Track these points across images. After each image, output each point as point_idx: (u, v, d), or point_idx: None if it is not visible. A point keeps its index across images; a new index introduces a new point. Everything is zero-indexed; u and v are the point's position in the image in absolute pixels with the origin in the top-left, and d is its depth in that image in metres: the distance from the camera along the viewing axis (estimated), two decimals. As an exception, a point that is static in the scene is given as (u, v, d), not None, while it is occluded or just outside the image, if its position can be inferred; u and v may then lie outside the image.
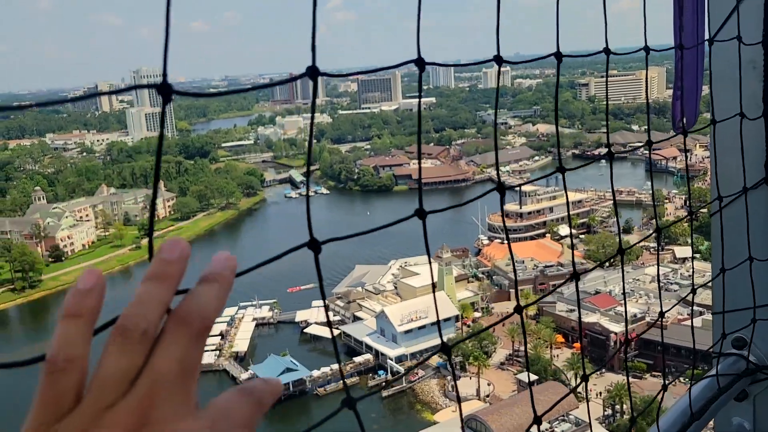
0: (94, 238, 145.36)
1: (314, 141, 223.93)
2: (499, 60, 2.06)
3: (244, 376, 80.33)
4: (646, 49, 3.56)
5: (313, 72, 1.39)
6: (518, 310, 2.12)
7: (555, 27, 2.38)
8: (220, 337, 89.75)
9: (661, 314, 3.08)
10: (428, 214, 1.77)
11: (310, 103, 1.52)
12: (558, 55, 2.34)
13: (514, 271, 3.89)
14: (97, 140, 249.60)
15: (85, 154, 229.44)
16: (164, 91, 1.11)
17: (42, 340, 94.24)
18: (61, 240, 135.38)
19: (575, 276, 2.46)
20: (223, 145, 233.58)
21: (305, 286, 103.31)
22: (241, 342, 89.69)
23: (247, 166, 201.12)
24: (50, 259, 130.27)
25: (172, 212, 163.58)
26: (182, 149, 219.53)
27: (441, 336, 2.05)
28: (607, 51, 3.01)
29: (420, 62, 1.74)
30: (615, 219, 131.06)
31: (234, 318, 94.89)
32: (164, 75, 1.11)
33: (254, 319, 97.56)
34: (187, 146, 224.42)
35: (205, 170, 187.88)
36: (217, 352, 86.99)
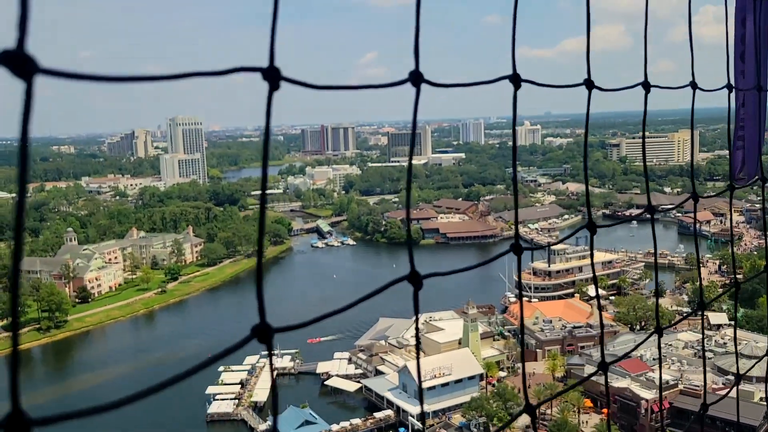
0: (121, 281, 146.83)
1: (342, 192, 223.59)
2: (589, 84, 1.99)
3: (262, 427, 78.89)
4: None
5: (416, 78, 1.31)
6: (603, 367, 2.05)
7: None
8: (240, 385, 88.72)
9: (738, 377, 2.70)
10: (524, 250, 1.77)
11: (412, 113, 1.42)
12: (646, 85, 2.18)
13: (601, 323, 3.49)
14: (131, 184, 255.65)
15: (118, 197, 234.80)
16: (270, 75, 0.92)
17: (61, 382, 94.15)
18: (89, 281, 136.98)
19: (658, 331, 2.22)
20: (253, 193, 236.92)
21: (325, 337, 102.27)
22: (261, 392, 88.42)
23: (276, 214, 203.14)
24: (77, 300, 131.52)
25: (199, 258, 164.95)
26: (212, 196, 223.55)
27: (526, 395, 2.02)
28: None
29: (516, 78, 1.72)
30: (647, 281, 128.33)
31: (255, 367, 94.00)
32: (271, 57, 0.92)
33: (275, 368, 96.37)
34: (218, 193, 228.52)
35: (234, 217, 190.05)
36: (236, 401, 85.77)
